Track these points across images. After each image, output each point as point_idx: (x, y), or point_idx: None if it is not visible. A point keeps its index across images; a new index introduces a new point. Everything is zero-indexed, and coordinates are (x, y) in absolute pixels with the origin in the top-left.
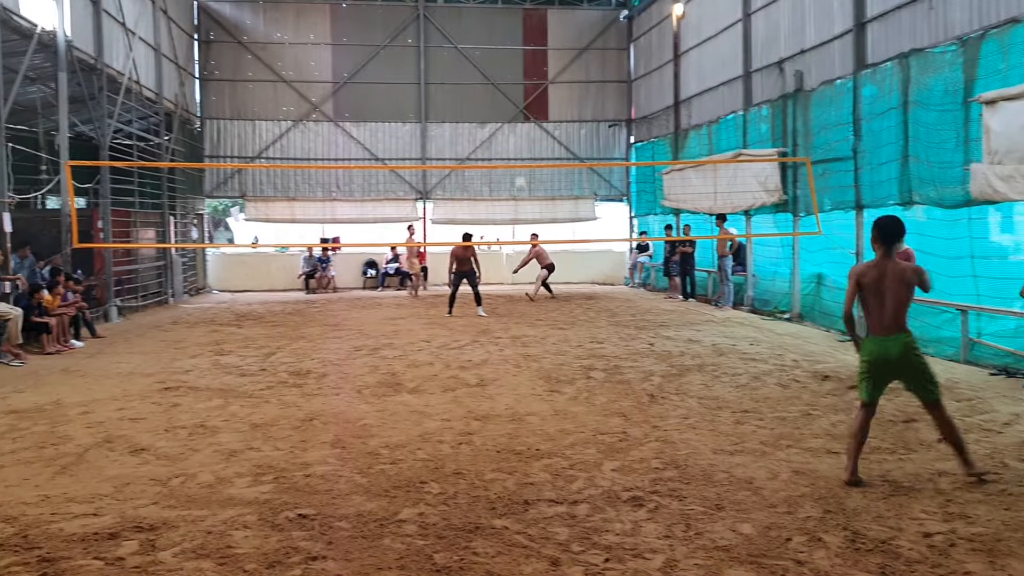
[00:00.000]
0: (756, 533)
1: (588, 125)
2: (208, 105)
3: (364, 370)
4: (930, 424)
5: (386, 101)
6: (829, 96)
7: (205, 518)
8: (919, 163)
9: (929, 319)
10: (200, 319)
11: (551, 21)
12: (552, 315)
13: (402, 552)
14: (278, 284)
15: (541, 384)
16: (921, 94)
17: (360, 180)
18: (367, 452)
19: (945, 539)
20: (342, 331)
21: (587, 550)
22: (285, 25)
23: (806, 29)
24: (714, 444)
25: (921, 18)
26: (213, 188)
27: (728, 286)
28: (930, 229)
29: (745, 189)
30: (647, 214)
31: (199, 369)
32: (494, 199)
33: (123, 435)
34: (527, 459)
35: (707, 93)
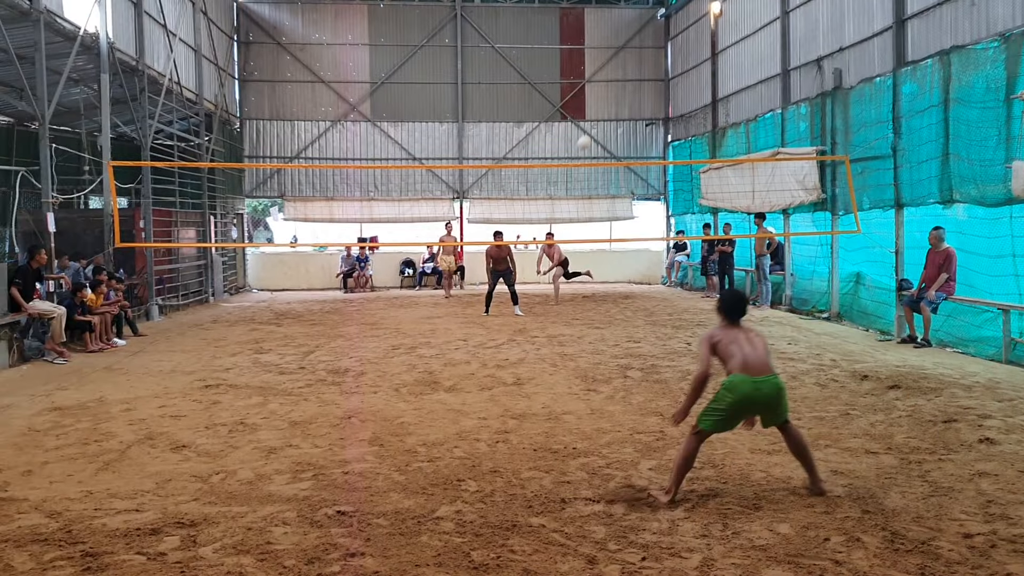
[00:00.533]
0: (794, 533)
1: (625, 124)
2: (247, 106)
3: (401, 368)
4: (971, 424)
5: (423, 101)
6: (868, 94)
7: (245, 514)
8: (960, 161)
9: (970, 318)
10: (240, 318)
11: (588, 20)
12: (589, 314)
13: (439, 549)
14: (316, 283)
15: (578, 383)
16: (962, 91)
17: (397, 180)
18: (405, 450)
19: (986, 540)
20: (380, 330)
21: (624, 548)
22: (323, 26)
23: (845, 26)
24: (751, 444)
25: (963, 14)
26: (252, 188)
27: (766, 285)
28: (971, 228)
29: (783, 188)
30: (684, 213)
31: (239, 367)
32: (530, 198)
33: (164, 432)
34: (564, 458)
35: (745, 91)
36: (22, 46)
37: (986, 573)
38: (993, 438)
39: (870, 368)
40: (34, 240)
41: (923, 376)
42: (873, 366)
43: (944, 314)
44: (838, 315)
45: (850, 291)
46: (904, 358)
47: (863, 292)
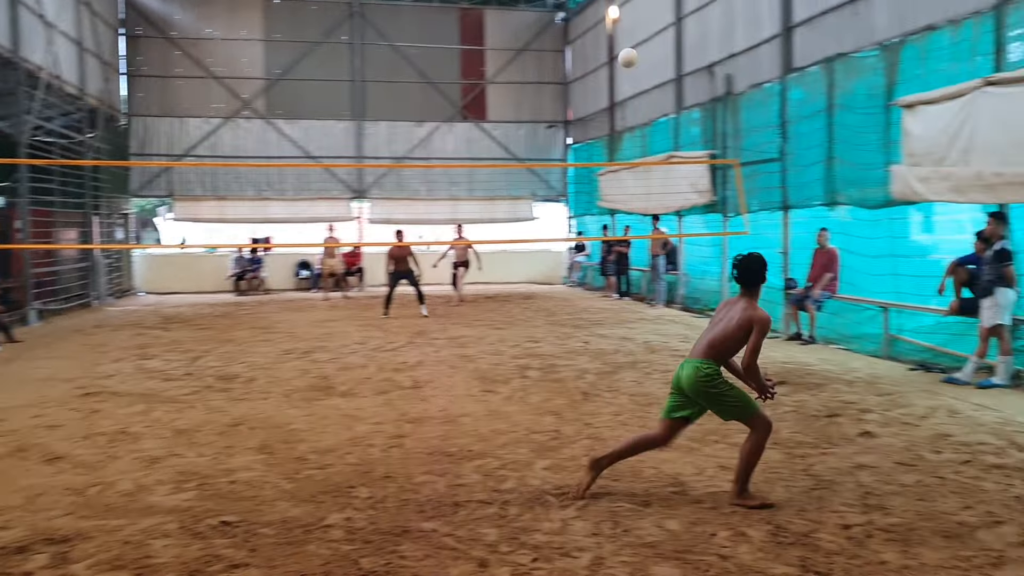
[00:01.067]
0: (682, 529)
1: (526, 126)
2: (135, 102)
3: (294, 374)
4: (852, 419)
5: (320, 98)
6: (758, 99)
7: (123, 528)
8: (843, 165)
9: (853, 316)
10: (125, 322)
11: (488, 21)
12: (490, 315)
13: (327, 558)
14: (207, 286)
15: (476, 385)
16: (845, 97)
17: (293, 179)
18: (295, 457)
19: (863, 530)
20: (273, 334)
21: (515, 550)
22: (216, 20)
23: (735, 33)
24: None
25: (846, 23)
26: (139, 187)
27: (661, 284)
28: (854, 229)
29: (677, 190)
30: (584, 214)
31: (122, 374)
32: (432, 199)
33: (38, 443)
34: (459, 460)
35: (641, 96)
36: None
37: (862, 562)
38: (873, 431)
39: (759, 365)
40: None
41: (808, 372)
42: (761, 363)
43: (829, 312)
44: None
45: (740, 290)
46: (791, 355)
47: None
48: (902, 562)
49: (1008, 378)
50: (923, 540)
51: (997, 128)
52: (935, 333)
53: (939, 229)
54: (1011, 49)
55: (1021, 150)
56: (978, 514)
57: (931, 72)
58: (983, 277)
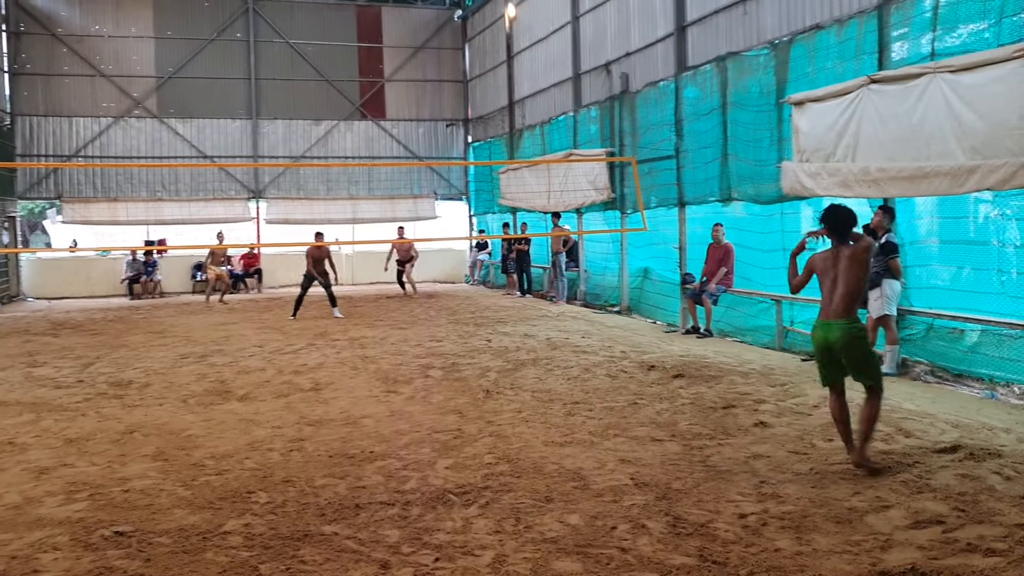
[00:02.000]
0: (583, 523)
1: (426, 124)
2: (19, 101)
3: (190, 378)
4: (747, 409)
5: (214, 97)
6: (653, 97)
7: (10, 542)
8: (737, 161)
9: (747, 309)
10: (12, 329)
11: (385, 19)
12: (393, 315)
13: (225, 565)
14: (99, 290)
15: (378, 385)
16: (738, 95)
17: (188, 179)
18: (191, 464)
19: (758, 519)
20: (168, 338)
21: (417, 551)
22: (104, 17)
23: (631, 32)
24: (545, 436)
25: (736, 23)
26: (26, 189)
27: (562, 281)
28: (748, 224)
29: (576, 188)
30: (485, 212)
31: (9, 382)
32: (332, 198)
33: None
34: (360, 462)
35: (540, 94)
36: None
37: (758, 550)
38: (767, 422)
39: (657, 359)
40: None
41: (705, 365)
42: (660, 356)
43: (724, 305)
44: (628, 309)
45: (639, 285)
46: (688, 348)
47: (650, 286)
48: (796, 548)
49: (895, 367)
50: (816, 526)
51: (881, 125)
52: None
53: None
54: (894, 48)
55: (904, 146)
56: (867, 499)
57: (819, 70)
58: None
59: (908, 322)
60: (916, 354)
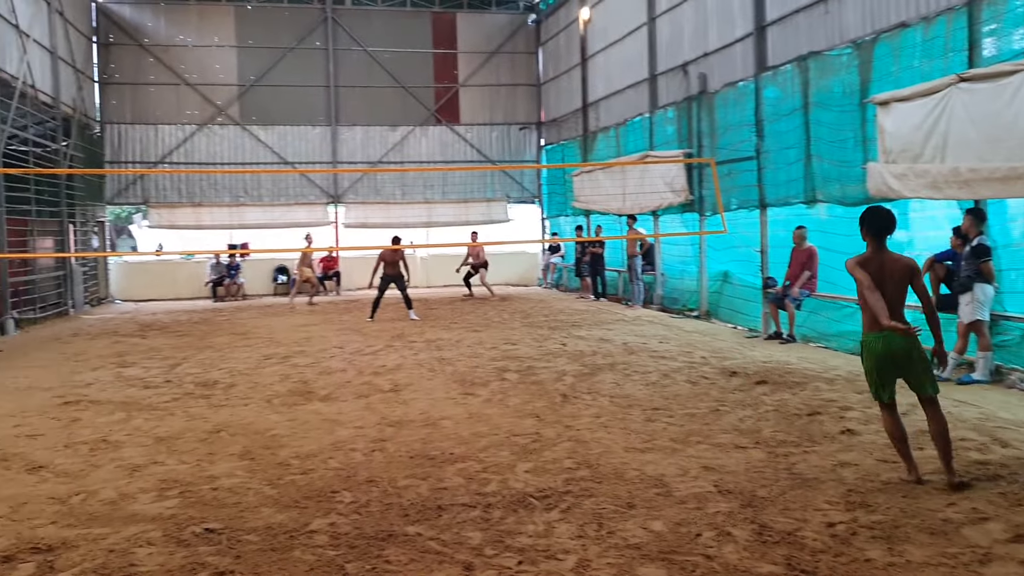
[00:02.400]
0: (667, 530)
1: (499, 128)
2: (108, 109)
3: (274, 379)
4: (833, 417)
5: (295, 104)
6: (732, 98)
7: (107, 536)
8: (821, 162)
9: (832, 314)
10: (102, 330)
11: (460, 24)
12: (467, 317)
13: (312, 564)
14: (184, 292)
15: (455, 388)
16: (821, 95)
17: (269, 184)
18: (277, 463)
19: (847, 528)
20: (251, 339)
21: (500, 553)
22: (188, 27)
23: (709, 32)
24: (625, 442)
25: (818, 22)
26: (115, 195)
27: (638, 285)
28: (832, 226)
29: (653, 190)
30: (558, 215)
31: (101, 382)
32: (407, 202)
33: (19, 453)
34: (441, 464)
35: (614, 96)
36: None
37: (847, 559)
38: (854, 429)
39: (738, 364)
40: None
41: (788, 371)
42: (741, 362)
43: (807, 310)
44: (707, 313)
45: (718, 289)
46: (770, 354)
47: (730, 290)
48: (888, 560)
49: (988, 374)
50: (908, 537)
51: (972, 124)
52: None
53: (915, 225)
54: (984, 45)
55: (996, 146)
56: (963, 511)
57: (904, 69)
58: (961, 273)
59: (1002, 328)
60: (1011, 361)
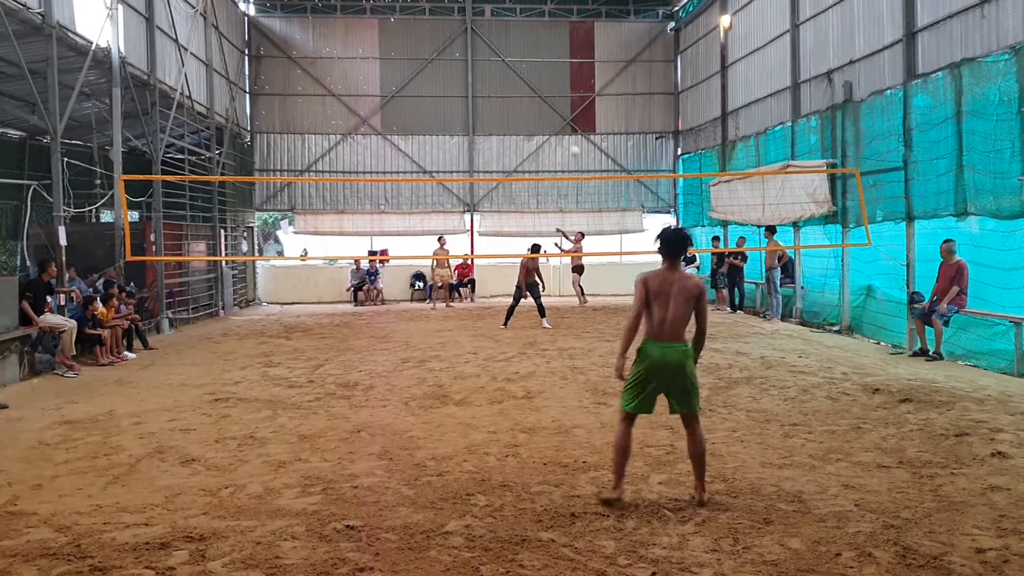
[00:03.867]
0: (805, 548)
1: (635, 137)
2: (258, 119)
3: (411, 382)
4: (983, 438)
5: (434, 114)
6: (879, 106)
7: (254, 528)
8: (974, 173)
9: (982, 331)
10: (249, 331)
11: (598, 34)
12: (599, 327)
13: (448, 564)
14: (326, 296)
15: (588, 396)
16: (975, 104)
17: (408, 193)
18: (414, 464)
19: (998, 555)
20: (389, 343)
21: (634, 563)
22: (334, 40)
23: (855, 39)
24: (762, 457)
25: (973, 27)
26: (263, 201)
27: (776, 298)
28: (984, 240)
29: (794, 201)
30: (695, 226)
31: (248, 380)
32: (541, 211)
33: (174, 446)
34: (574, 472)
35: (755, 104)
36: (35, 61)
37: None
38: (1006, 452)
39: (882, 381)
40: (45, 254)
41: (935, 389)
42: (884, 379)
43: (956, 327)
44: (849, 328)
45: (861, 304)
46: (916, 371)
47: (874, 305)
48: None
49: None
50: None
51: None
52: None
53: None
54: None
55: None
56: None
57: None
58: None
59: None
60: None
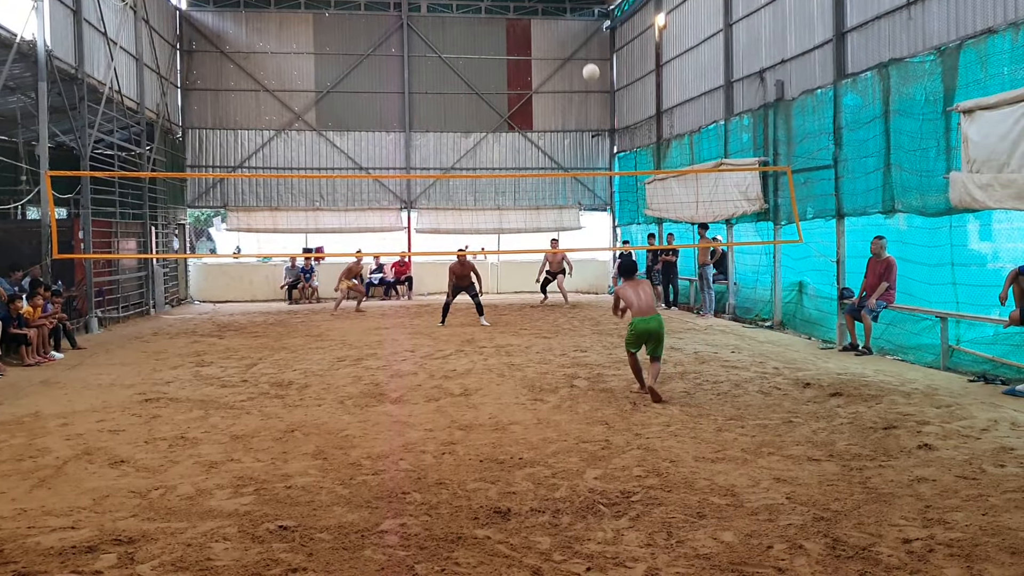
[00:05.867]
0: (737, 541)
1: (572, 135)
2: (190, 114)
3: (347, 381)
4: (910, 431)
5: (370, 110)
6: (810, 105)
7: (185, 530)
8: (902, 171)
9: (909, 326)
10: (181, 330)
11: (535, 31)
12: (536, 324)
13: (383, 563)
14: (260, 295)
15: (525, 393)
16: (902, 103)
17: (344, 189)
18: (349, 463)
19: (924, 545)
20: (325, 342)
21: (569, 559)
22: (268, 35)
23: (787, 39)
24: (696, 452)
25: (900, 28)
26: (195, 198)
27: (709, 294)
28: (911, 237)
29: (727, 198)
30: (630, 223)
31: (180, 380)
32: (479, 208)
33: (103, 447)
34: (510, 468)
35: (689, 103)
36: None
37: None
38: (931, 444)
39: (812, 376)
40: None
41: (864, 383)
42: (815, 374)
43: (884, 322)
44: (781, 323)
45: (793, 300)
46: (845, 366)
47: (806, 301)
48: None
49: None
50: (988, 556)
51: None
52: (996, 344)
53: (999, 237)
54: None
55: None
56: None
57: (992, 76)
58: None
59: None
60: None
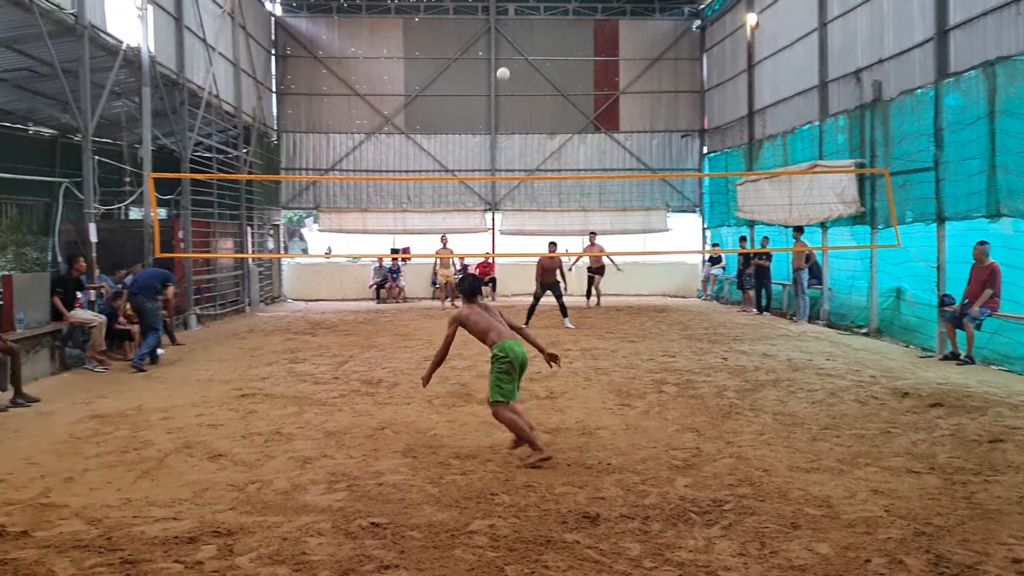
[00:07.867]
0: (833, 553)
1: (660, 135)
2: (284, 118)
3: (434, 380)
4: (1018, 445)
5: (456, 113)
6: (909, 106)
7: (280, 524)
8: (1008, 174)
9: (1016, 335)
10: (275, 327)
11: (623, 31)
12: (623, 327)
13: (473, 563)
14: (350, 293)
15: (612, 398)
16: (1010, 103)
17: (430, 191)
18: (438, 462)
19: None
20: (412, 341)
21: (660, 566)
22: (359, 40)
23: (884, 38)
24: (789, 461)
25: (1008, 24)
26: (289, 199)
27: (803, 299)
28: (1018, 242)
29: (821, 201)
30: (720, 225)
31: (275, 377)
32: (564, 210)
33: (202, 441)
34: (598, 473)
35: (782, 103)
36: (67, 60)
37: None
38: None
39: (911, 385)
40: (75, 250)
41: (967, 394)
42: (914, 383)
43: (988, 331)
44: (877, 331)
45: (890, 306)
46: (946, 375)
47: (904, 307)
48: None
49: None
50: None
51: None
52: None
53: None
54: None
55: None
56: None
57: None
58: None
59: None
60: None
